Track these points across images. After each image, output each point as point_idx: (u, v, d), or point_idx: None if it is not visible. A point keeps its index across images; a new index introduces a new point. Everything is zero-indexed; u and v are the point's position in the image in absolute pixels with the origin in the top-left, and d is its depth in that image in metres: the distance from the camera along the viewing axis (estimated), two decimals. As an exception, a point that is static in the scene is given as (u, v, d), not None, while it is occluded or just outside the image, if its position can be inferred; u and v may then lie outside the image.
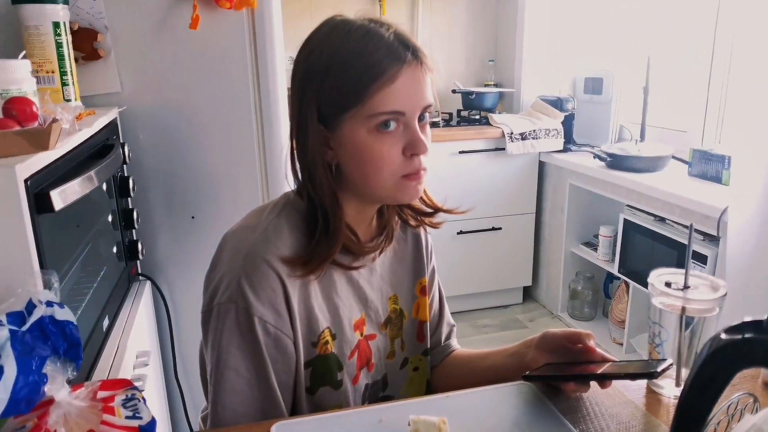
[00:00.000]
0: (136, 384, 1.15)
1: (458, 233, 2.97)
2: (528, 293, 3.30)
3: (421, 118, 0.84)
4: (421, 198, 0.96)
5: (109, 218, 1.36)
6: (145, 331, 1.47)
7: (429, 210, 1.00)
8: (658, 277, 0.86)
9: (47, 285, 0.67)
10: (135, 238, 1.53)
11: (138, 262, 1.56)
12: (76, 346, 0.64)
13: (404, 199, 0.88)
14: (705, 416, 0.47)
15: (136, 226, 1.48)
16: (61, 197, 0.90)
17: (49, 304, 0.63)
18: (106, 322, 1.20)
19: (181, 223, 1.62)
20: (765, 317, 0.46)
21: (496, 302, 3.21)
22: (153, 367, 1.46)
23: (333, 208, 0.86)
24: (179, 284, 1.65)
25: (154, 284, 1.61)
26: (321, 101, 0.82)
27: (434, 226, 1.02)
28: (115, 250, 1.38)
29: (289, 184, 0.93)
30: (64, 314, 0.64)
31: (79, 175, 0.99)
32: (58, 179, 0.94)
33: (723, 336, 0.47)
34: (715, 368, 0.47)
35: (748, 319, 0.47)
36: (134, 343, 1.27)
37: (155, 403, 1.46)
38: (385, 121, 0.81)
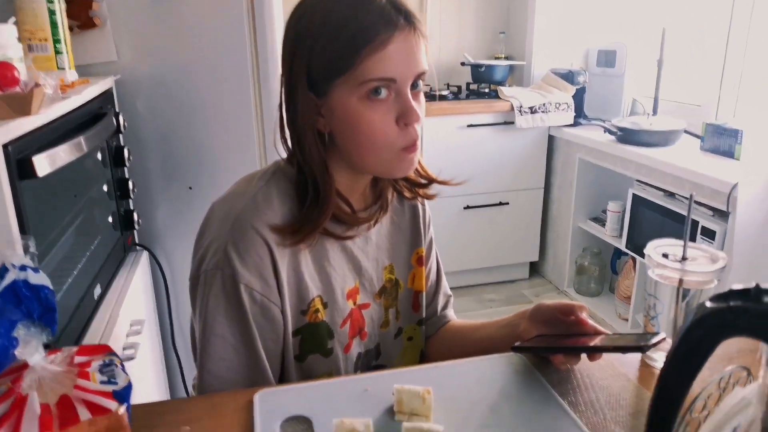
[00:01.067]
0: (128, 352, 1.15)
1: (465, 208, 2.94)
2: (534, 268, 3.28)
3: (414, 86, 0.82)
4: (416, 169, 0.94)
5: (105, 188, 1.35)
6: (141, 300, 1.47)
7: (423, 181, 0.98)
8: (655, 248, 0.83)
9: (26, 250, 0.65)
10: (131, 208, 1.52)
11: (135, 232, 1.55)
12: (51, 311, 0.62)
13: (399, 173, 0.86)
14: (688, 384, 0.46)
15: (131, 196, 1.47)
16: (47, 162, 0.88)
17: (23, 268, 0.61)
18: (98, 290, 1.20)
19: (179, 194, 1.61)
20: (752, 285, 0.44)
21: (502, 277, 3.19)
22: (150, 336, 1.47)
23: (323, 176, 0.84)
24: (177, 254, 1.65)
25: (152, 254, 1.60)
26: (311, 67, 0.80)
27: (429, 197, 1.00)
28: (110, 219, 1.37)
29: (278, 152, 0.91)
30: (38, 278, 0.62)
31: (65, 141, 0.97)
32: (44, 146, 0.92)
33: (708, 304, 0.45)
34: (699, 336, 0.45)
35: (736, 287, 0.45)
36: (128, 312, 1.27)
37: (152, 372, 1.47)
38: (376, 88, 0.78)
